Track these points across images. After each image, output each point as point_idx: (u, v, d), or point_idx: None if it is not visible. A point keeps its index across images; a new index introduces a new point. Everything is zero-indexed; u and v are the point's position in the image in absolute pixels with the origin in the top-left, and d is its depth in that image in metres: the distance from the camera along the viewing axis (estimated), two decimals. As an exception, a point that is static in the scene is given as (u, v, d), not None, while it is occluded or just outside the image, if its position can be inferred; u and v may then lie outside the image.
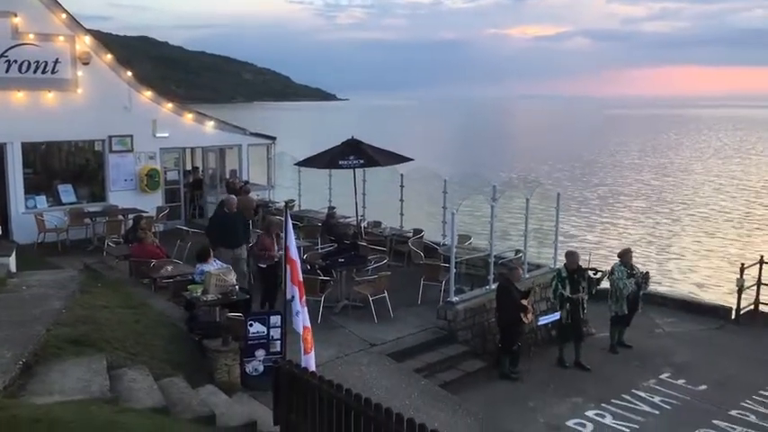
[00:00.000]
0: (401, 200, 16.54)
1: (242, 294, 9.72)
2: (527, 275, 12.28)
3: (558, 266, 13.06)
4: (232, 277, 9.69)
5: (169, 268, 11.26)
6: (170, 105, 17.71)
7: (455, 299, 11.19)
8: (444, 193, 15.08)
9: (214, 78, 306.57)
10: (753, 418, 9.31)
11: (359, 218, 15.72)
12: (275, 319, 8.54)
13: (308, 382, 6.79)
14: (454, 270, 11.30)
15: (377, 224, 16.60)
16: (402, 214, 16.66)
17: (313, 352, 7.58)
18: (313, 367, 7.37)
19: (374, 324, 11.01)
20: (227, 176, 18.81)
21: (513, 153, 61.29)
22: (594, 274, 11.50)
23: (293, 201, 18.92)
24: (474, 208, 18.52)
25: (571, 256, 11.24)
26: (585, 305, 11.13)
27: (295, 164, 16.39)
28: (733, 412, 9.45)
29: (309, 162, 15.17)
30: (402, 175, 16.31)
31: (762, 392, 10.11)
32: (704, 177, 44.75)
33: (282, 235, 8.92)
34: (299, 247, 11.18)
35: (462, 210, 18.12)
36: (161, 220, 16.54)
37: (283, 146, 21.53)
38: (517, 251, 13.68)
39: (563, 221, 15.93)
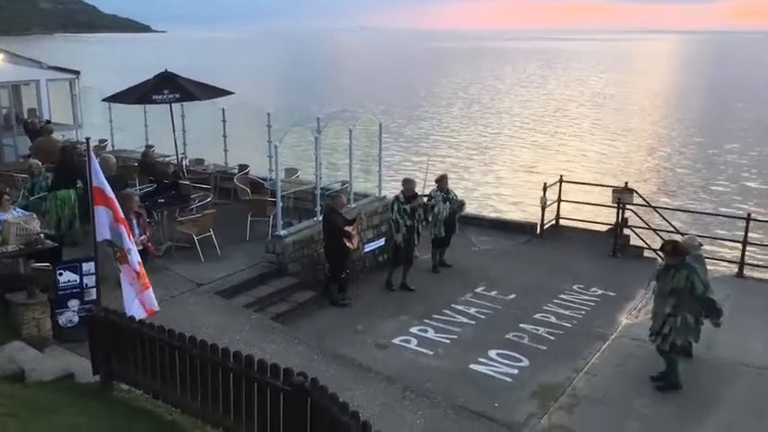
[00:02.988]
0: (224, 135, 15.98)
1: (49, 243, 8.95)
2: (353, 204, 12.57)
3: (383, 195, 13.55)
4: (35, 225, 8.88)
5: (-42, 220, 10.03)
6: (-55, 36, 15.41)
7: (283, 232, 11.21)
8: (268, 126, 14.76)
9: (4, 7, 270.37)
10: (553, 318, 10.47)
11: (179, 156, 15.00)
12: (88, 267, 7.99)
13: (128, 327, 6.53)
14: (281, 204, 11.31)
15: (199, 161, 15.98)
16: (226, 150, 16.14)
17: (151, 289, 7.32)
18: (155, 303, 7.15)
19: (201, 263, 10.74)
20: (25, 116, 16.96)
21: (337, 87, 61.42)
22: (429, 200, 12.06)
23: (105, 140, 17.61)
24: (300, 141, 18.42)
25: (408, 183, 11.62)
26: (420, 230, 11.67)
27: (103, 99, 15.12)
28: (537, 315, 10.56)
29: (119, 97, 14.08)
30: (223, 109, 15.71)
31: (561, 296, 11.37)
32: (511, 106, 48.09)
33: (142, 211, 8.34)
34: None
35: (288, 144, 17.94)
36: (-55, 167, 14.62)
37: (90, 81, 19.76)
38: (344, 182, 13.90)
39: (387, 152, 16.38)
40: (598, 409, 7.94)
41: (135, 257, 7.25)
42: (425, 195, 12.09)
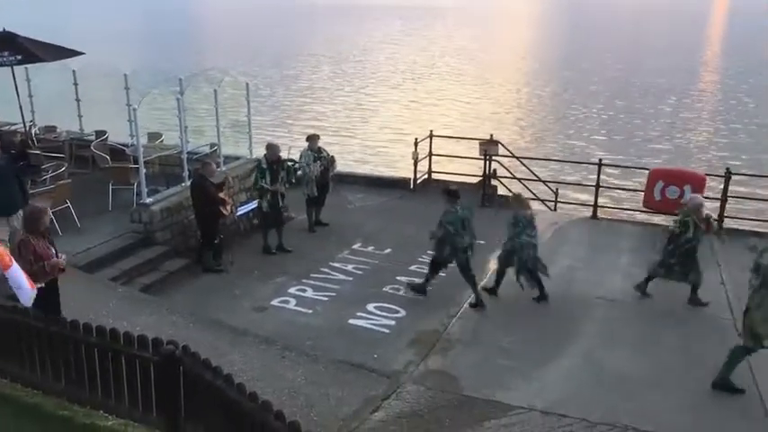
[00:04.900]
0: (77, 100, 14.89)
1: None
2: (224, 168, 12.20)
3: (255, 156, 13.23)
4: None
5: None
6: None
7: (149, 200, 10.72)
8: (126, 89, 13.92)
9: None
10: (427, 269, 10.78)
11: (27, 123, 13.82)
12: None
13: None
14: (145, 170, 10.77)
15: (51, 129, 14.84)
16: (80, 116, 15.08)
17: (16, 264, 6.56)
18: (23, 281, 6.45)
19: (59, 237, 9.96)
20: None
21: (197, 47, 58.57)
22: (293, 165, 11.91)
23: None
24: (162, 104, 17.49)
25: (271, 148, 11.41)
26: (285, 193, 11.54)
27: (-73, 65, 13.49)
28: (412, 267, 10.86)
29: (-52, 62, 12.63)
30: (74, 71, 14.60)
31: (433, 247, 11.72)
32: (379, 64, 48.11)
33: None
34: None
35: (151, 107, 17.02)
36: None
37: None
38: (212, 145, 13.44)
39: (255, 115, 15.85)
40: (470, 350, 8.35)
41: None
42: (289, 160, 11.94)
